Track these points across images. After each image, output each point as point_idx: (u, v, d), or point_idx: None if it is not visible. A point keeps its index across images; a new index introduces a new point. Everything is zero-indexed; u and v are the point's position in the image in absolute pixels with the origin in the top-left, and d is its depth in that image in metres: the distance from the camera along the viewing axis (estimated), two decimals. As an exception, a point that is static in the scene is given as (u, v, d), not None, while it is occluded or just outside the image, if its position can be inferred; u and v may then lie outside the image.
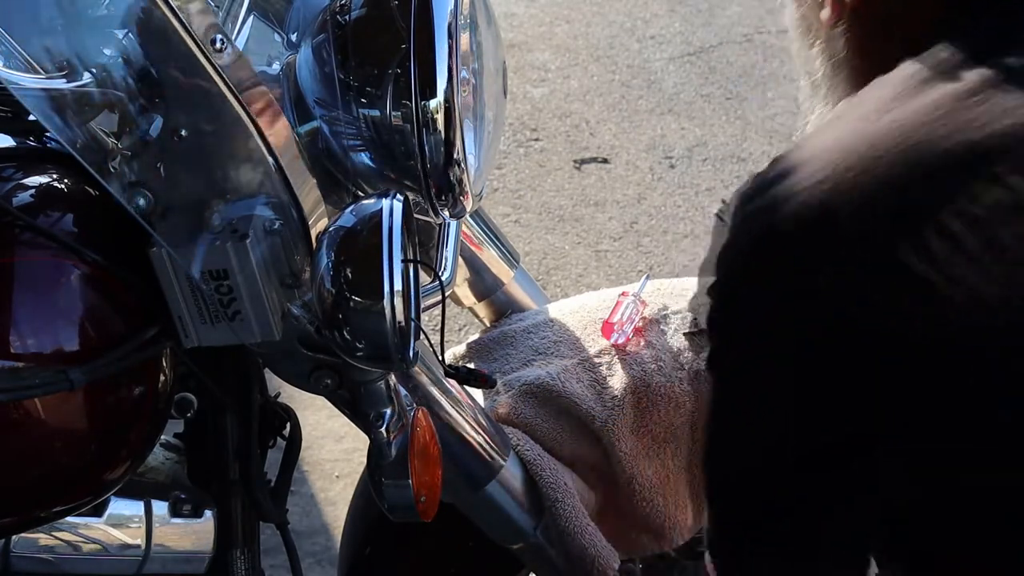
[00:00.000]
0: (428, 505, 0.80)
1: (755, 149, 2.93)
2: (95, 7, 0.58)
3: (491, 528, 0.99)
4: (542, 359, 1.05)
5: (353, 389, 0.75)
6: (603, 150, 2.93)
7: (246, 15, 0.77)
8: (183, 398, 0.83)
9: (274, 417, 0.93)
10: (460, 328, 2.23)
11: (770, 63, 3.35)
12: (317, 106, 0.74)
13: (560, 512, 0.95)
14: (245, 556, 0.89)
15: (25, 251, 0.65)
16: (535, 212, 2.68)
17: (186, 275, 0.64)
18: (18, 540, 0.82)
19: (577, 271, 2.50)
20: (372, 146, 0.73)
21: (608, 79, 3.26)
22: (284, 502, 0.93)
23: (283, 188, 0.66)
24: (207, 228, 0.64)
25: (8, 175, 0.69)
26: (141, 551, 0.85)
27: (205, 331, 0.67)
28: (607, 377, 1.01)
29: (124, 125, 0.59)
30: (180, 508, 0.86)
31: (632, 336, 1.03)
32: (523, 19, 3.59)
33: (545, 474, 0.96)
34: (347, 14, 0.72)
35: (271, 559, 1.13)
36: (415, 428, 0.78)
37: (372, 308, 0.62)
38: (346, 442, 2.00)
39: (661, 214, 2.69)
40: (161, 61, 0.60)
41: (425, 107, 0.69)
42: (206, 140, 0.62)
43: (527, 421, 1.00)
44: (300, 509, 1.88)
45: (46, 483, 0.69)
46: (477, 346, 1.12)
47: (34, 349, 0.64)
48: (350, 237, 0.63)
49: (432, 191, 0.73)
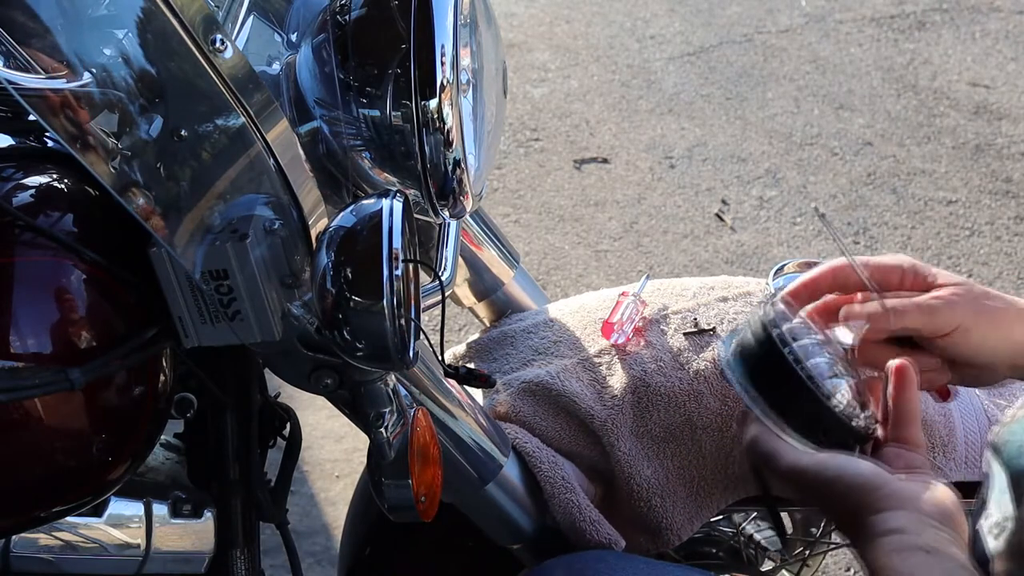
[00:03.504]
0: (428, 505, 0.80)
1: (755, 149, 2.93)
2: (95, 7, 0.58)
3: (491, 528, 0.99)
4: (542, 359, 1.05)
5: (353, 389, 0.75)
6: (603, 150, 2.93)
7: (246, 15, 0.77)
8: (183, 398, 0.83)
9: (274, 417, 0.93)
10: (460, 328, 2.23)
11: (770, 63, 3.35)
12: (317, 106, 0.74)
13: (559, 504, 0.95)
14: (245, 556, 0.89)
15: (25, 251, 0.65)
16: (535, 212, 2.68)
17: (186, 275, 0.64)
18: (18, 540, 0.82)
19: (577, 271, 2.50)
20: (372, 146, 0.73)
21: (608, 79, 3.26)
22: (284, 502, 0.93)
23: (283, 188, 0.66)
24: (207, 228, 0.64)
25: (8, 175, 0.69)
26: (141, 551, 0.85)
27: (205, 331, 0.67)
28: (607, 377, 1.01)
29: (124, 125, 0.59)
30: (180, 508, 0.86)
31: (632, 336, 1.03)
32: (523, 19, 3.59)
33: (544, 467, 0.96)
34: (347, 14, 0.72)
35: (271, 559, 1.13)
36: (415, 428, 0.78)
37: (372, 308, 0.62)
38: (346, 442, 2.00)
39: (661, 214, 2.69)
40: (161, 61, 0.60)
41: (425, 107, 0.69)
42: (206, 140, 0.62)
43: (526, 419, 1.00)
44: (300, 509, 1.88)
45: (46, 483, 0.69)
46: (477, 346, 1.12)
47: (34, 349, 0.64)
48: (350, 237, 0.63)
49: (432, 191, 0.73)
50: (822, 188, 2.78)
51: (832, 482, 0.73)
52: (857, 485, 0.72)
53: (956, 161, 2.90)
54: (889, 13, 3.66)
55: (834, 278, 0.86)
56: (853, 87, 3.23)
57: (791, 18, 3.62)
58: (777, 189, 2.78)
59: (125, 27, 0.59)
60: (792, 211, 2.70)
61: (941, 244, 2.60)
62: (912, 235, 2.63)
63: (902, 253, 0.90)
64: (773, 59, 3.37)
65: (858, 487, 0.72)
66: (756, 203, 2.72)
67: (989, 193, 2.78)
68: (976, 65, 3.35)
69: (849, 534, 0.74)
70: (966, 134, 3.01)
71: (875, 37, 3.51)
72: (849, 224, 2.65)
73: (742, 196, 2.75)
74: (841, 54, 3.41)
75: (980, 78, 3.29)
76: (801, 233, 2.63)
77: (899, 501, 0.70)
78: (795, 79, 3.27)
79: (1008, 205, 2.74)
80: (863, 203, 2.73)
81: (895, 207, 2.72)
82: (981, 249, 2.59)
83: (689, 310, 1.05)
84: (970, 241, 2.61)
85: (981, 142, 2.98)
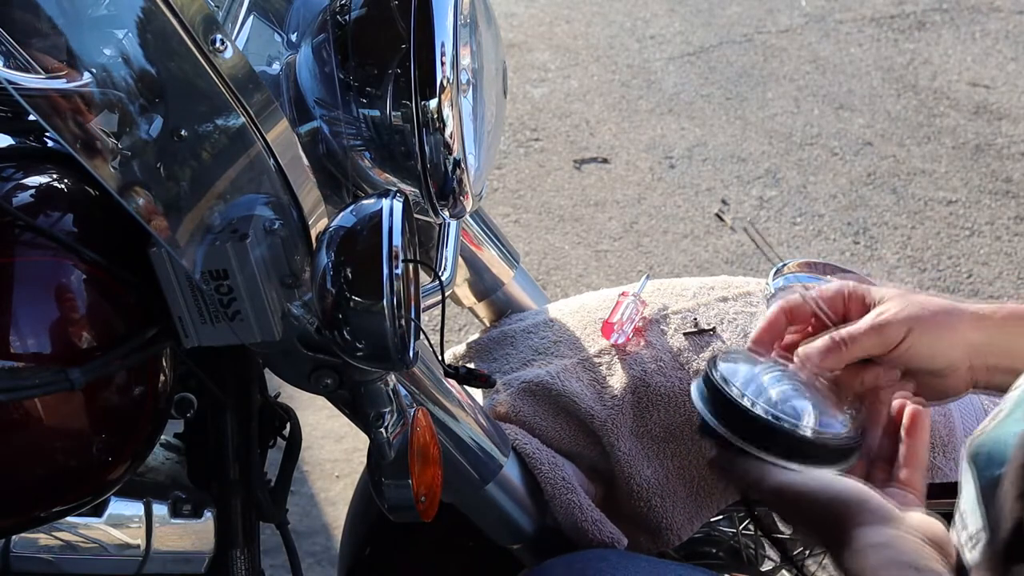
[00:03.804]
0: (428, 505, 0.80)
1: (755, 149, 2.93)
2: (95, 7, 0.58)
3: (491, 528, 0.99)
4: (542, 359, 1.05)
5: (353, 389, 0.75)
6: (603, 150, 2.93)
7: (246, 15, 0.77)
8: (183, 398, 0.83)
9: (274, 417, 0.93)
10: (460, 328, 2.23)
11: (770, 63, 3.35)
12: (317, 106, 0.74)
13: (561, 504, 0.95)
14: (245, 556, 0.89)
15: (25, 251, 0.65)
16: (535, 212, 2.68)
17: (186, 275, 0.64)
18: (18, 540, 0.82)
19: (577, 271, 2.50)
20: (372, 146, 0.73)
21: (608, 79, 3.26)
22: (284, 502, 0.93)
23: (283, 188, 0.66)
24: (207, 228, 0.64)
25: (8, 175, 0.69)
26: (141, 551, 0.85)
27: (205, 331, 0.67)
28: (607, 377, 1.01)
29: (124, 125, 0.59)
30: (180, 508, 0.86)
31: (632, 336, 1.03)
32: (523, 19, 3.59)
33: (544, 468, 0.96)
34: (347, 14, 0.72)
35: (271, 559, 1.13)
36: (415, 428, 0.78)
37: (372, 308, 0.62)
38: (346, 442, 2.00)
39: (661, 214, 2.69)
40: (161, 61, 0.60)
41: (425, 107, 0.69)
42: (206, 140, 0.62)
43: (526, 419, 1.00)
44: (300, 509, 1.88)
45: (46, 483, 0.69)
46: (477, 346, 1.12)
47: (34, 349, 0.64)
48: (350, 237, 0.63)
49: (432, 191, 0.73)
50: (822, 188, 2.78)
51: (817, 494, 0.73)
52: (842, 498, 0.72)
53: (956, 161, 2.90)
54: (889, 13, 3.66)
55: (790, 315, 0.88)
56: (853, 87, 3.23)
57: (791, 18, 3.62)
58: (777, 189, 2.78)
59: (125, 27, 0.59)
60: (792, 211, 2.70)
61: (941, 244, 2.60)
62: (912, 235, 2.63)
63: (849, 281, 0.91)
64: (773, 59, 3.37)
65: (843, 499, 0.72)
66: (756, 203, 2.72)
67: (989, 193, 2.78)
68: (976, 65, 3.35)
69: (832, 549, 0.73)
70: (966, 134, 3.01)
71: (875, 37, 3.51)
72: (849, 224, 2.65)
73: (742, 196, 2.75)
74: (841, 54, 3.41)
75: (980, 78, 3.29)
76: (801, 233, 2.63)
77: (884, 516, 0.70)
78: (795, 79, 3.27)
79: (1008, 205, 2.74)
80: (863, 203, 2.73)
81: (895, 207, 2.72)
82: (981, 249, 2.59)
83: (689, 310, 1.05)
84: (970, 241, 2.61)
85: (981, 142, 2.98)
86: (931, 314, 0.83)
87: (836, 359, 0.83)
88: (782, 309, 0.87)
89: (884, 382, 0.84)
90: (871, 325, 0.83)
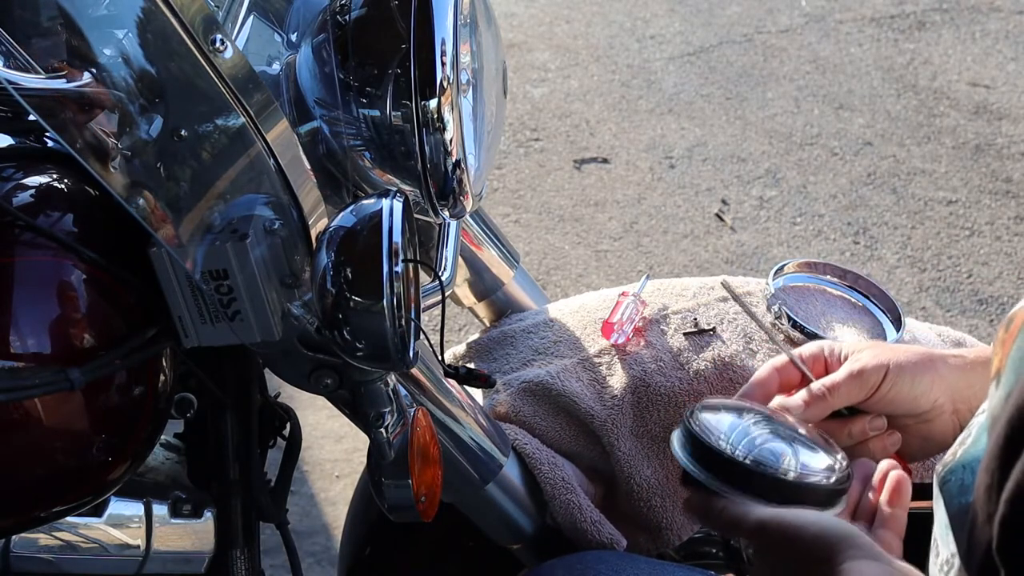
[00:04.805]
0: (428, 505, 0.80)
1: (755, 149, 2.93)
2: (95, 7, 0.58)
3: (491, 528, 0.99)
4: (542, 359, 1.05)
5: (353, 389, 0.75)
6: (603, 150, 2.93)
7: (246, 15, 0.77)
8: (183, 398, 0.83)
9: (274, 417, 0.93)
10: (460, 328, 2.23)
11: (770, 63, 3.35)
12: (317, 106, 0.74)
13: (560, 505, 0.95)
14: (245, 556, 0.89)
15: (25, 251, 0.65)
16: (535, 212, 2.68)
17: (186, 275, 0.64)
18: (18, 540, 0.82)
19: (577, 271, 2.50)
20: (372, 146, 0.73)
21: (608, 79, 3.26)
22: (284, 502, 0.93)
23: (283, 188, 0.66)
24: (207, 228, 0.64)
25: (8, 175, 0.69)
26: (141, 551, 0.85)
27: (205, 331, 0.67)
28: (607, 377, 1.01)
29: (124, 125, 0.59)
30: (180, 508, 0.86)
31: (632, 336, 1.03)
32: (523, 19, 3.59)
33: (544, 468, 0.96)
34: (347, 14, 0.72)
35: (271, 559, 1.13)
36: (415, 428, 0.78)
37: (372, 308, 0.62)
38: (346, 442, 2.00)
39: (661, 214, 2.69)
40: (161, 61, 0.60)
41: (425, 107, 0.69)
42: (206, 140, 0.62)
43: (526, 419, 1.00)
44: (300, 509, 1.88)
45: (46, 483, 0.69)
46: (477, 346, 1.12)
47: (34, 349, 0.64)
48: (350, 237, 0.63)
49: (432, 191, 0.73)
50: (822, 188, 2.78)
51: (801, 530, 0.72)
52: (827, 534, 0.71)
53: (956, 161, 2.90)
54: (889, 13, 3.66)
55: (779, 375, 0.89)
56: (853, 87, 3.23)
57: (791, 18, 3.62)
58: (777, 189, 2.78)
59: (125, 27, 0.59)
60: (792, 211, 2.70)
61: (941, 244, 2.60)
62: (912, 235, 2.63)
63: (818, 340, 0.94)
64: (773, 59, 3.37)
65: (828, 535, 0.71)
66: (756, 203, 2.72)
67: (989, 193, 2.78)
68: (976, 65, 3.35)
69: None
70: (966, 134, 3.01)
71: (875, 37, 3.51)
72: (849, 224, 2.65)
73: (742, 196, 2.75)
74: (841, 54, 3.41)
75: (980, 78, 3.29)
76: (801, 233, 2.63)
77: (871, 553, 0.69)
78: (795, 79, 3.27)
79: (1008, 205, 2.74)
80: (863, 203, 2.73)
81: (895, 207, 2.72)
82: (981, 249, 2.59)
83: (689, 310, 1.05)
84: (970, 241, 2.61)
85: (981, 142, 2.98)
86: (907, 357, 0.84)
87: (819, 409, 0.85)
88: (773, 369, 0.89)
89: (871, 431, 0.86)
90: (848, 372, 0.85)
